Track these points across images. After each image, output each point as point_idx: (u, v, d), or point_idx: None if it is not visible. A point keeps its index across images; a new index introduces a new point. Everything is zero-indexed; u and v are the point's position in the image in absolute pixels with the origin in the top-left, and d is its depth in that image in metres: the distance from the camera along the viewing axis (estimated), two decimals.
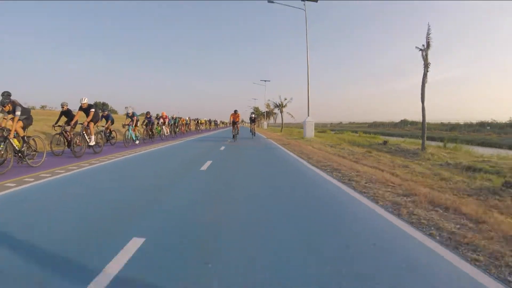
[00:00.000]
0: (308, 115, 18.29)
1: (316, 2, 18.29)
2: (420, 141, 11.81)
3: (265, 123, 54.15)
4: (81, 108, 8.24)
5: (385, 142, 14.38)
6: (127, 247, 2.19)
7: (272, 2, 18.38)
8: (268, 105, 45.02)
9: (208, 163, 6.81)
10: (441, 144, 13.68)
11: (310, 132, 17.81)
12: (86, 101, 8.18)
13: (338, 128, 55.49)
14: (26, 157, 5.98)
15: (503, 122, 31.50)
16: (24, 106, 6.24)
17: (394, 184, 4.49)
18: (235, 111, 15.58)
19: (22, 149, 5.94)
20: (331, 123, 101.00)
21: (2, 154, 5.70)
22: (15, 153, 5.78)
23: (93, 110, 8.16)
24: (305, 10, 18.35)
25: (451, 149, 12.11)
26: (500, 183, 4.65)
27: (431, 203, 3.44)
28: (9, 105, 5.70)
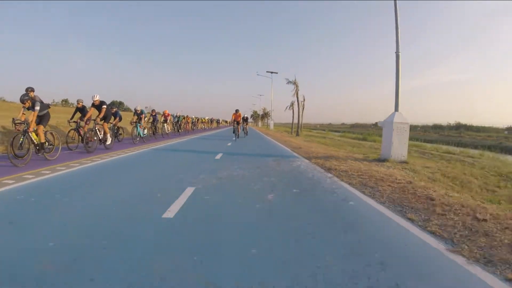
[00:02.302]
0: (272, 120, 45.32)
1: (277, 73, 33.90)
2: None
3: (260, 123, 73.01)
4: (93, 105, 8.42)
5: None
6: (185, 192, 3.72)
7: (259, 74, 40.95)
8: (264, 109, 66.19)
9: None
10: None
11: (271, 126, 42.30)
12: (98, 98, 8.34)
13: (316, 128, 74.49)
14: (43, 150, 6.18)
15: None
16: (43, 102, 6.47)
17: (277, 136, 20.08)
18: (236, 111, 15.51)
19: (44, 143, 6.20)
20: (321, 124, 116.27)
21: (23, 146, 5.94)
22: (34, 146, 5.99)
23: (104, 106, 8.36)
24: (271, 79, 34.36)
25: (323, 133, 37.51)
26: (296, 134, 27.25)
27: (276, 137, 19.70)
28: (29, 101, 5.88)
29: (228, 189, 4.03)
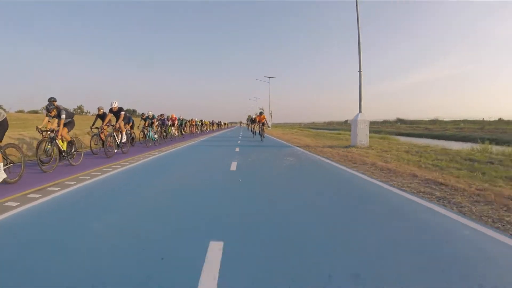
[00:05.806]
0: (270, 121, 45.40)
1: (274, 78, 28.56)
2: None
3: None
4: (111, 111, 8.64)
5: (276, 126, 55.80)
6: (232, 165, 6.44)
7: (260, 80, 50.65)
8: (262, 109, 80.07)
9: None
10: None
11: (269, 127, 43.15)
12: (116, 104, 8.59)
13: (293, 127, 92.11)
14: (69, 156, 6.43)
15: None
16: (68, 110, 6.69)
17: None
18: (261, 113, 16.18)
19: (70, 150, 6.47)
20: (305, 123, 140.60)
21: (50, 153, 6.17)
22: (60, 153, 6.23)
23: (123, 112, 8.66)
24: (269, 83, 40.08)
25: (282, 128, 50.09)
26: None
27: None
28: (54, 110, 6.16)
29: (248, 152, 8.90)
